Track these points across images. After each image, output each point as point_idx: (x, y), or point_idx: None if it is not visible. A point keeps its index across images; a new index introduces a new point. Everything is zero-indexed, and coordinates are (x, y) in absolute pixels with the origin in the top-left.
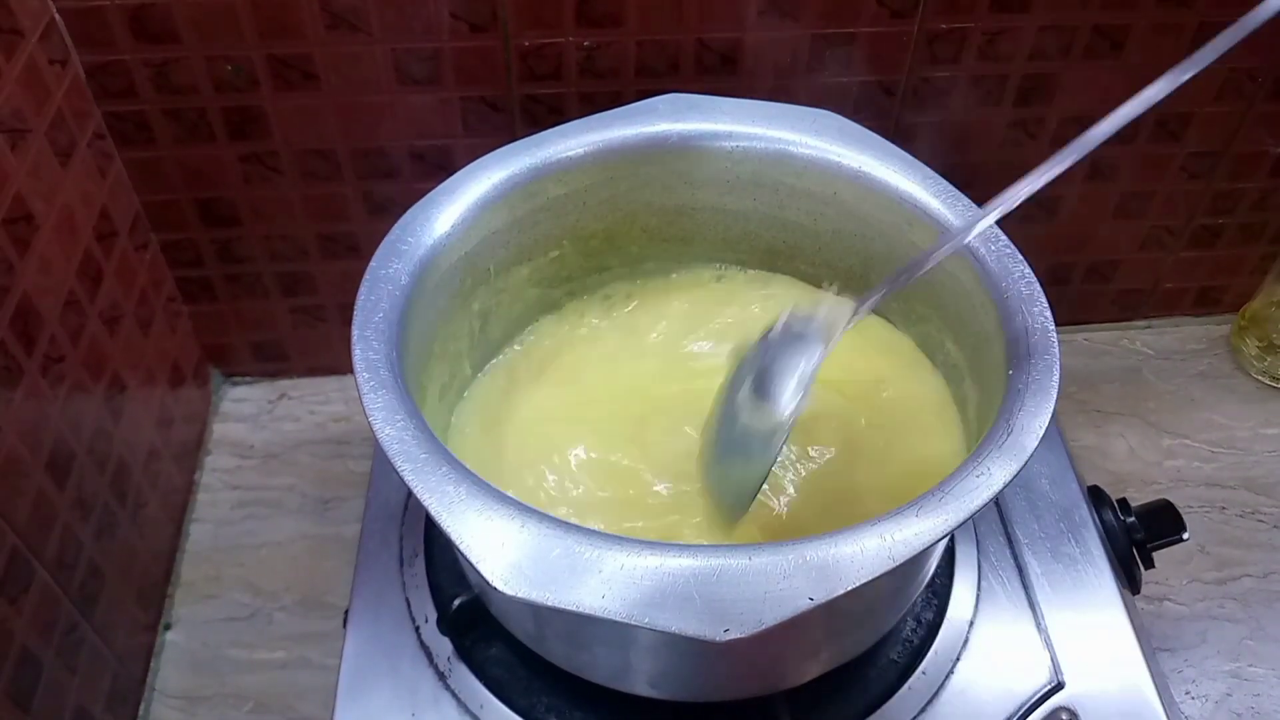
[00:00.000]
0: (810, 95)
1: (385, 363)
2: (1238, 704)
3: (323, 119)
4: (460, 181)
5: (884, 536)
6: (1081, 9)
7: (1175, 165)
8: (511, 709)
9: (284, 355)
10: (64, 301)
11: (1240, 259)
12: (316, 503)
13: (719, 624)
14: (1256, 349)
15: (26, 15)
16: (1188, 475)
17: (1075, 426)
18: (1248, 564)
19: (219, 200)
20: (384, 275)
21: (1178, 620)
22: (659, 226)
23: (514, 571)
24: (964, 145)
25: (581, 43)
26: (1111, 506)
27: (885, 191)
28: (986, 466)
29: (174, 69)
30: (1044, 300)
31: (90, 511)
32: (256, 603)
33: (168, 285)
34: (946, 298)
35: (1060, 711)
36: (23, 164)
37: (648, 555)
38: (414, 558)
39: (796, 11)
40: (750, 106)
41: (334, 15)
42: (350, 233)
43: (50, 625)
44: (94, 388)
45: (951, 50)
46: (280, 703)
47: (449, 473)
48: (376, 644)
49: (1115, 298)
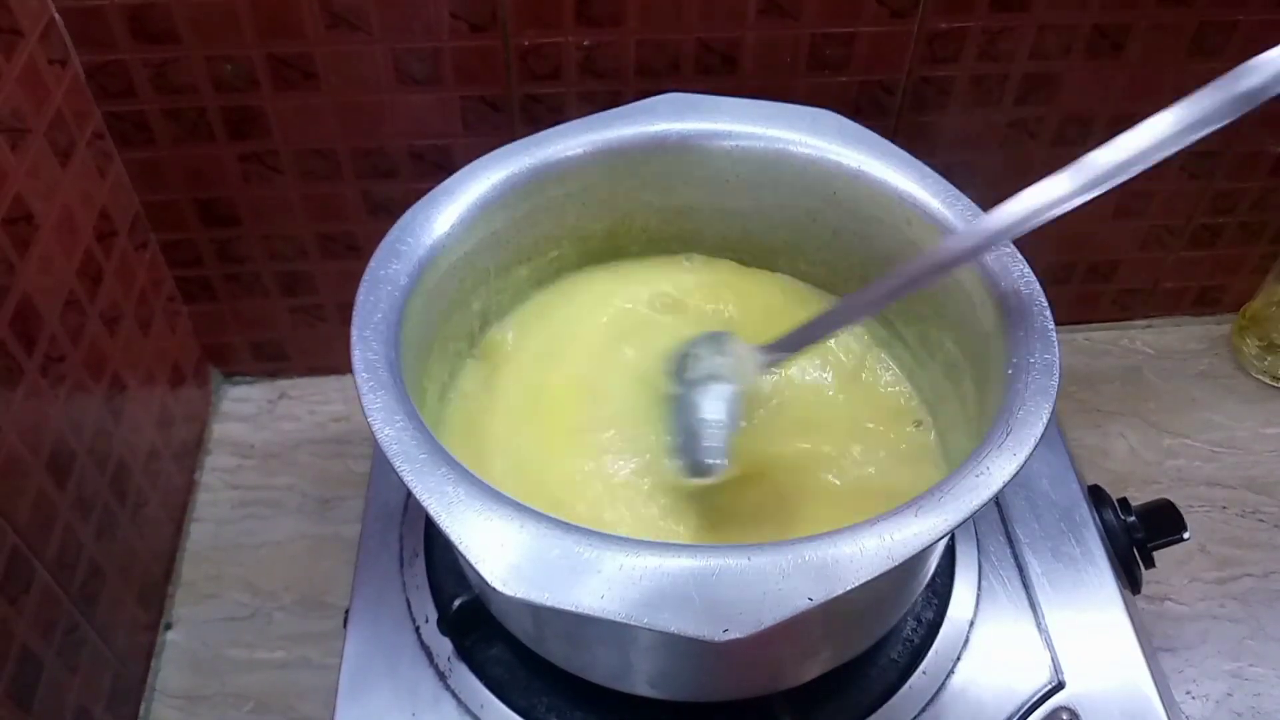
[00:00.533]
0: (810, 95)
1: (384, 363)
2: (1238, 703)
3: (322, 118)
4: (460, 181)
5: (883, 536)
6: (1081, 9)
7: (1175, 165)
8: (512, 709)
9: (284, 355)
10: (64, 301)
11: (1240, 258)
12: (316, 502)
13: (718, 624)
14: (1257, 348)
15: (26, 15)
16: (1188, 475)
17: (1075, 426)
18: (1248, 563)
19: (219, 200)
20: (383, 275)
21: (1178, 620)
22: (659, 226)
23: (513, 572)
24: (964, 145)
25: (581, 42)
26: (1112, 506)
27: (885, 191)
28: (986, 466)
29: (173, 69)
30: (1044, 300)
31: (91, 511)
32: (257, 602)
33: (167, 285)
34: (946, 297)
35: (1061, 711)
36: (23, 164)
37: (647, 555)
38: (414, 558)
39: (796, 11)
40: (750, 106)
41: (334, 15)
42: (350, 232)
43: (51, 625)
44: (94, 387)
45: (951, 50)
46: (280, 702)
47: (448, 473)
48: (377, 644)
49: (1115, 297)
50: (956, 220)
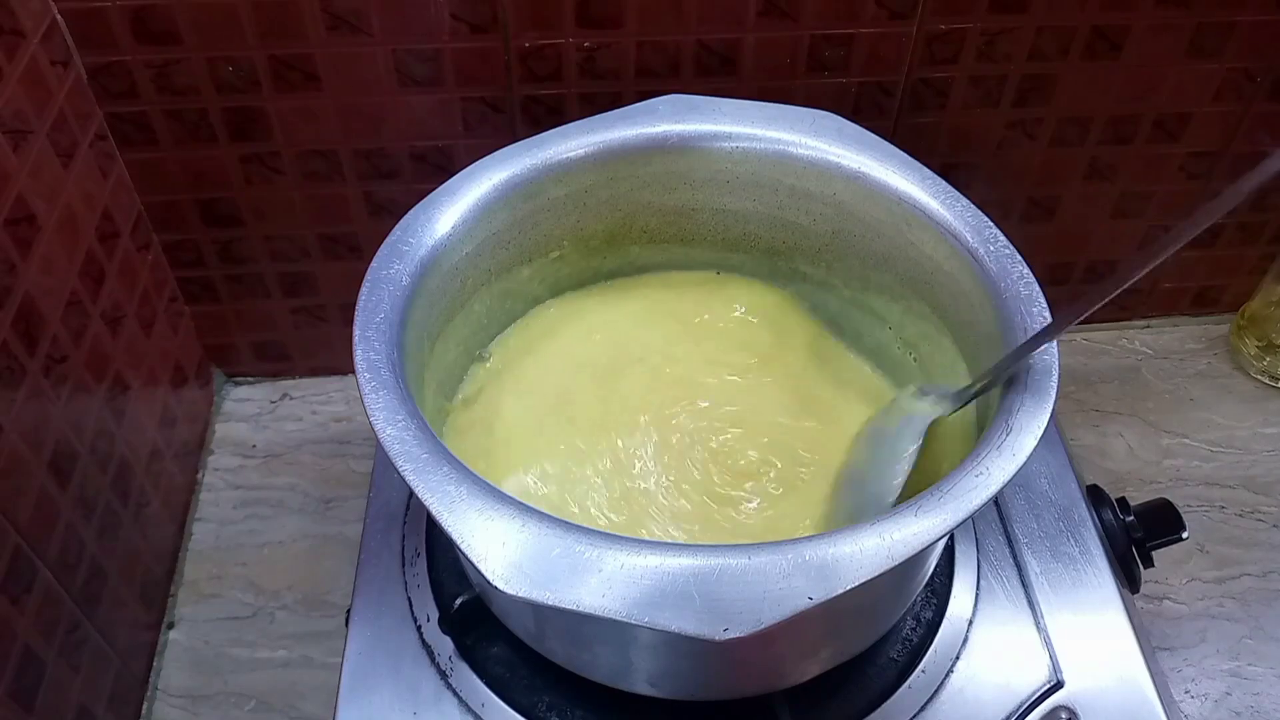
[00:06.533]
0: (809, 96)
1: (386, 363)
2: (1237, 703)
3: (324, 120)
4: (461, 182)
5: (883, 536)
6: (1080, 9)
7: (1174, 165)
8: (513, 707)
9: (286, 355)
10: (66, 302)
11: (1239, 259)
12: (318, 502)
13: (718, 623)
14: (1255, 348)
15: (28, 16)
16: (1187, 474)
17: (1074, 426)
18: (1247, 563)
19: (220, 201)
20: (385, 276)
21: (1177, 619)
22: (659, 227)
23: (514, 571)
24: (963, 146)
25: (582, 44)
26: (1111, 506)
27: (884, 192)
28: (985, 466)
29: (175, 70)
30: (1043, 300)
31: (93, 511)
32: (259, 602)
33: (170, 285)
34: (946, 298)
35: (1059, 710)
36: (25, 165)
37: (648, 554)
38: (415, 557)
39: (796, 12)
40: (750, 107)
41: (335, 16)
42: (351, 233)
43: (53, 624)
44: (96, 388)
45: (950, 51)
46: (282, 701)
47: (450, 472)
48: (378, 643)
49: (1114, 297)
50: (956, 221)
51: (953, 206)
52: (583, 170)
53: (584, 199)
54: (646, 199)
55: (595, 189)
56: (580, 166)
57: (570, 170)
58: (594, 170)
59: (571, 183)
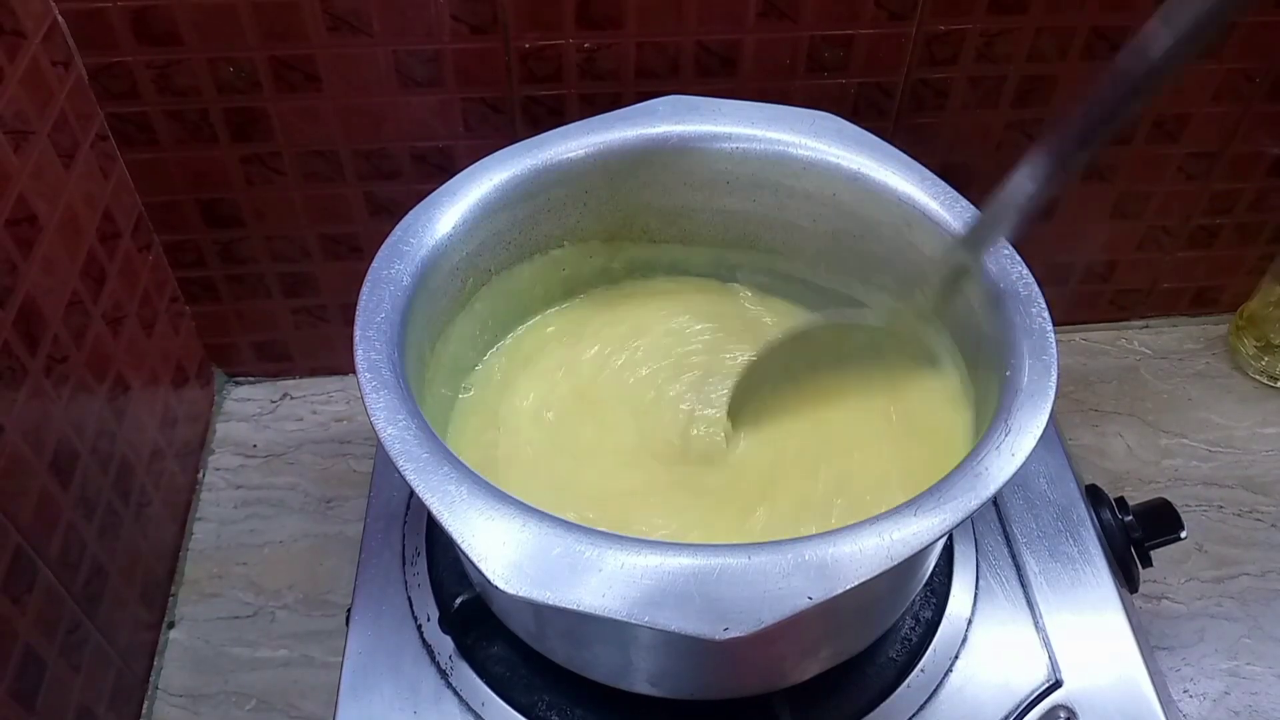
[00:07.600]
0: (809, 97)
1: (387, 363)
2: (1236, 702)
3: (324, 120)
4: (461, 183)
5: (882, 536)
6: (1079, 10)
7: (1173, 165)
8: (513, 707)
9: (286, 355)
10: (67, 302)
11: (1238, 259)
12: (319, 502)
13: (718, 623)
14: (1254, 348)
15: (29, 17)
16: (1185, 474)
17: (1073, 426)
18: (1245, 563)
19: (221, 201)
20: (386, 276)
21: (1175, 619)
22: (659, 227)
23: (515, 570)
24: (962, 147)
25: (582, 44)
26: (1109, 505)
27: (884, 193)
28: (985, 465)
29: (176, 70)
30: (1042, 300)
31: (94, 511)
32: (259, 601)
33: (170, 286)
34: (945, 298)
35: (1058, 709)
36: (26, 165)
37: (648, 554)
38: (416, 556)
39: (795, 13)
40: (749, 108)
41: (335, 17)
42: (352, 234)
43: (54, 624)
44: (97, 388)
45: (949, 52)
46: (283, 701)
47: (450, 472)
48: (379, 642)
49: (1113, 298)
50: (955, 221)
51: (952, 207)
52: (583, 170)
53: (584, 199)
54: (646, 199)
55: (595, 189)
56: (580, 167)
57: (570, 170)
58: (594, 171)
59: (572, 183)
